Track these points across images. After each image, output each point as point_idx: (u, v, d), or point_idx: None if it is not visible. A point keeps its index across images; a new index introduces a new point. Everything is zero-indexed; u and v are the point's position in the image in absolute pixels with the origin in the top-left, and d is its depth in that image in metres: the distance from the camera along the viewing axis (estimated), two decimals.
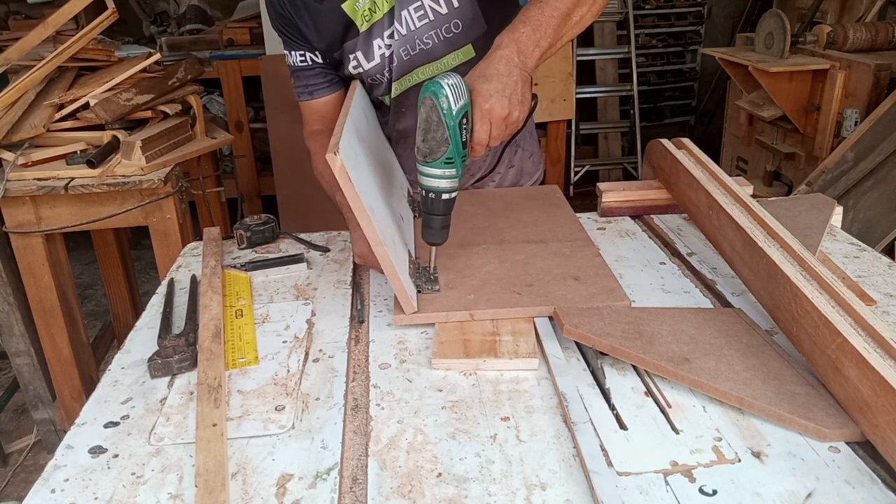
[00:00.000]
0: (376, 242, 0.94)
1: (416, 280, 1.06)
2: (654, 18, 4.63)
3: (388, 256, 0.96)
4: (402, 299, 1.00)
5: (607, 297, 1.02)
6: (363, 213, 0.92)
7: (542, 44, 1.04)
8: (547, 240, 1.21)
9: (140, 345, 1.01)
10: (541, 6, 1.06)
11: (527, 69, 1.02)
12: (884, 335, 0.77)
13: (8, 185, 1.88)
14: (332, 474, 0.74)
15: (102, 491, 0.73)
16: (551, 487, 0.71)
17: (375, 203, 0.99)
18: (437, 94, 0.93)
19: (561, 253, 1.15)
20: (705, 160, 1.27)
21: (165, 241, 2.02)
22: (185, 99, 2.25)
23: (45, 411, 2.30)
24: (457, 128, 0.95)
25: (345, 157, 0.90)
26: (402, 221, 1.16)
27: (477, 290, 1.05)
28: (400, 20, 1.28)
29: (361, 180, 0.95)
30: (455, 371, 0.91)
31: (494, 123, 0.98)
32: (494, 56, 1.02)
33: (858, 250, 1.20)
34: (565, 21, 1.07)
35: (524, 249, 1.17)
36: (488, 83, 0.98)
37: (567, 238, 1.21)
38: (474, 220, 1.29)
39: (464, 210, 1.32)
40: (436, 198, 1.00)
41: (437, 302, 1.03)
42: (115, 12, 2.18)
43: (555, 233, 1.23)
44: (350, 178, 0.89)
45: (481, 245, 1.19)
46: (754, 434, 0.78)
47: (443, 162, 0.96)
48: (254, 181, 3.67)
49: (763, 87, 2.98)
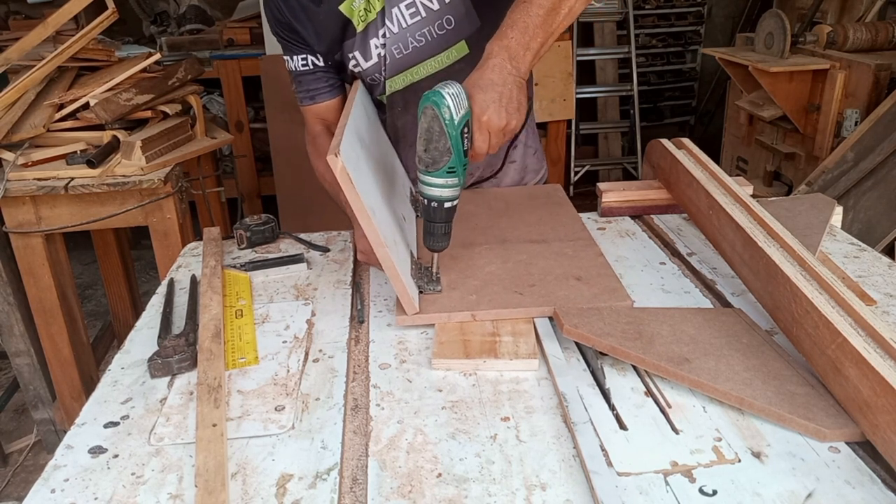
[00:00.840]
0: (378, 244, 0.94)
1: (418, 281, 1.06)
2: (654, 18, 4.63)
3: (390, 257, 0.96)
4: (404, 300, 1.00)
5: (610, 297, 1.02)
6: (364, 215, 0.92)
7: (532, 45, 1.03)
8: (549, 239, 1.21)
9: (140, 345, 1.01)
10: (525, 6, 1.04)
11: (520, 74, 1.02)
12: (884, 335, 0.77)
13: (8, 185, 1.88)
14: (332, 474, 0.74)
15: (102, 491, 0.73)
16: (551, 488, 0.71)
17: (377, 204, 0.99)
18: (439, 105, 0.92)
19: (563, 253, 1.15)
20: (705, 160, 1.27)
21: (165, 241, 2.02)
22: (185, 99, 2.25)
23: (45, 411, 2.30)
24: (459, 137, 0.94)
25: (346, 158, 0.90)
26: (403, 222, 1.16)
27: (479, 291, 1.05)
28: (391, 18, 1.28)
29: (363, 181, 0.95)
30: (455, 371, 0.91)
31: (493, 133, 0.98)
32: (487, 65, 1.01)
33: (858, 250, 1.20)
34: (553, 17, 1.04)
35: (526, 249, 1.17)
36: (483, 93, 0.98)
37: (569, 238, 1.21)
38: (477, 219, 1.29)
39: (466, 210, 1.32)
40: (438, 206, 1.00)
41: (438, 302, 1.03)
42: (115, 12, 2.18)
43: (557, 232, 1.23)
44: (351, 179, 0.89)
45: (483, 245, 1.19)
46: (754, 434, 0.78)
47: (445, 171, 0.96)
48: (254, 181, 3.66)
49: (763, 87, 2.98)
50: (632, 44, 4.42)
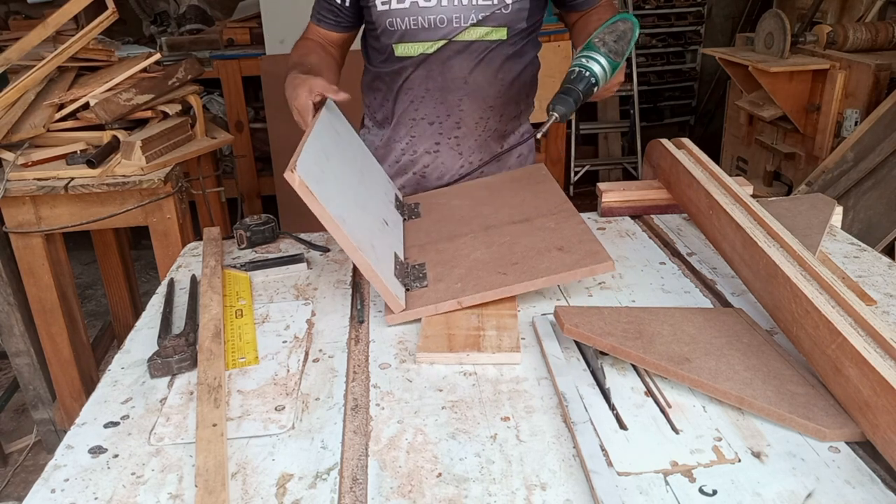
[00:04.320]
0: (350, 248, 0.98)
1: (405, 279, 1.08)
2: (654, 18, 4.63)
3: (366, 260, 0.98)
4: (388, 298, 1.02)
5: (591, 260, 1.02)
6: (331, 223, 0.96)
7: None
8: (532, 217, 1.21)
9: (140, 345, 1.01)
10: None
11: None
12: (884, 335, 0.77)
13: (8, 185, 1.88)
14: (332, 474, 0.74)
15: (102, 491, 0.73)
16: (551, 487, 0.71)
17: (347, 212, 1.02)
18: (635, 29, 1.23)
19: (546, 227, 1.16)
20: (705, 160, 1.27)
21: (165, 241, 2.02)
22: (185, 99, 2.24)
23: (45, 411, 2.30)
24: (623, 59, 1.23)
25: (305, 173, 0.95)
26: (386, 226, 1.19)
27: (464, 279, 1.06)
28: None
29: (328, 193, 1.00)
30: (455, 371, 0.91)
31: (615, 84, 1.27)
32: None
33: (858, 250, 1.20)
34: None
35: (509, 231, 1.18)
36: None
37: (552, 212, 1.21)
38: (460, 211, 1.31)
39: (450, 205, 1.34)
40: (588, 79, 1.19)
41: (425, 296, 1.04)
42: (115, 12, 2.18)
43: (539, 209, 1.24)
44: (311, 191, 0.94)
45: (468, 235, 1.20)
46: (754, 434, 0.78)
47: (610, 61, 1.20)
48: (254, 181, 3.66)
49: (763, 87, 2.98)
50: None
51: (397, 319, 1.02)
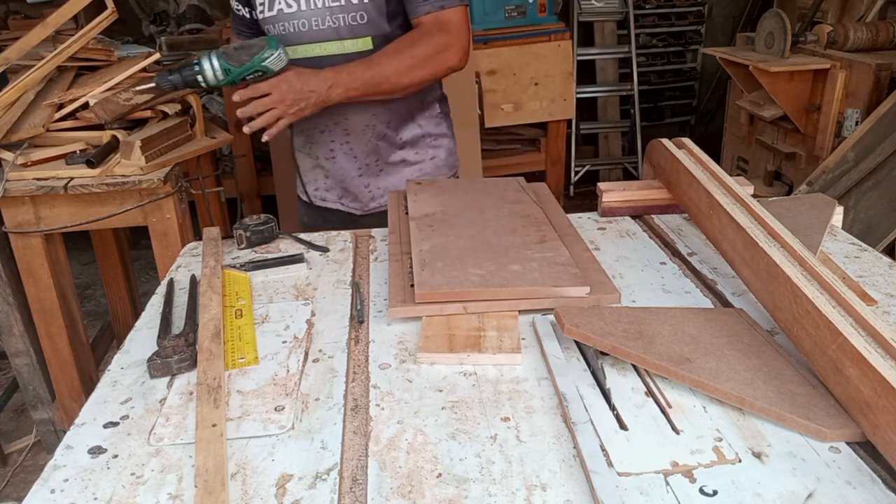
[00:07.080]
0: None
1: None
2: (655, 18, 4.63)
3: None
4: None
5: (598, 290, 1.02)
6: None
7: (350, 93, 1.44)
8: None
9: (139, 345, 1.01)
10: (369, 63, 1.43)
11: (327, 100, 1.44)
12: (884, 335, 0.77)
13: (7, 185, 1.88)
14: (331, 475, 0.74)
15: (102, 491, 0.73)
16: (551, 488, 0.71)
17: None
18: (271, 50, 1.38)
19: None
20: (706, 160, 1.27)
21: (165, 241, 2.01)
22: (185, 99, 2.24)
23: (45, 411, 2.29)
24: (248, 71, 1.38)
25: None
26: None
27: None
28: None
29: None
30: (456, 371, 0.91)
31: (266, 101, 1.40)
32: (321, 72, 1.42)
33: (859, 250, 1.20)
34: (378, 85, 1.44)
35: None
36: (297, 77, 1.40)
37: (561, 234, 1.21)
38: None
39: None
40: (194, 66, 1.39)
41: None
42: (115, 12, 2.18)
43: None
44: None
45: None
46: (755, 434, 0.77)
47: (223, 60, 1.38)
48: (253, 181, 3.66)
49: (763, 86, 2.98)
50: (632, 43, 4.42)
51: (399, 314, 1.03)
